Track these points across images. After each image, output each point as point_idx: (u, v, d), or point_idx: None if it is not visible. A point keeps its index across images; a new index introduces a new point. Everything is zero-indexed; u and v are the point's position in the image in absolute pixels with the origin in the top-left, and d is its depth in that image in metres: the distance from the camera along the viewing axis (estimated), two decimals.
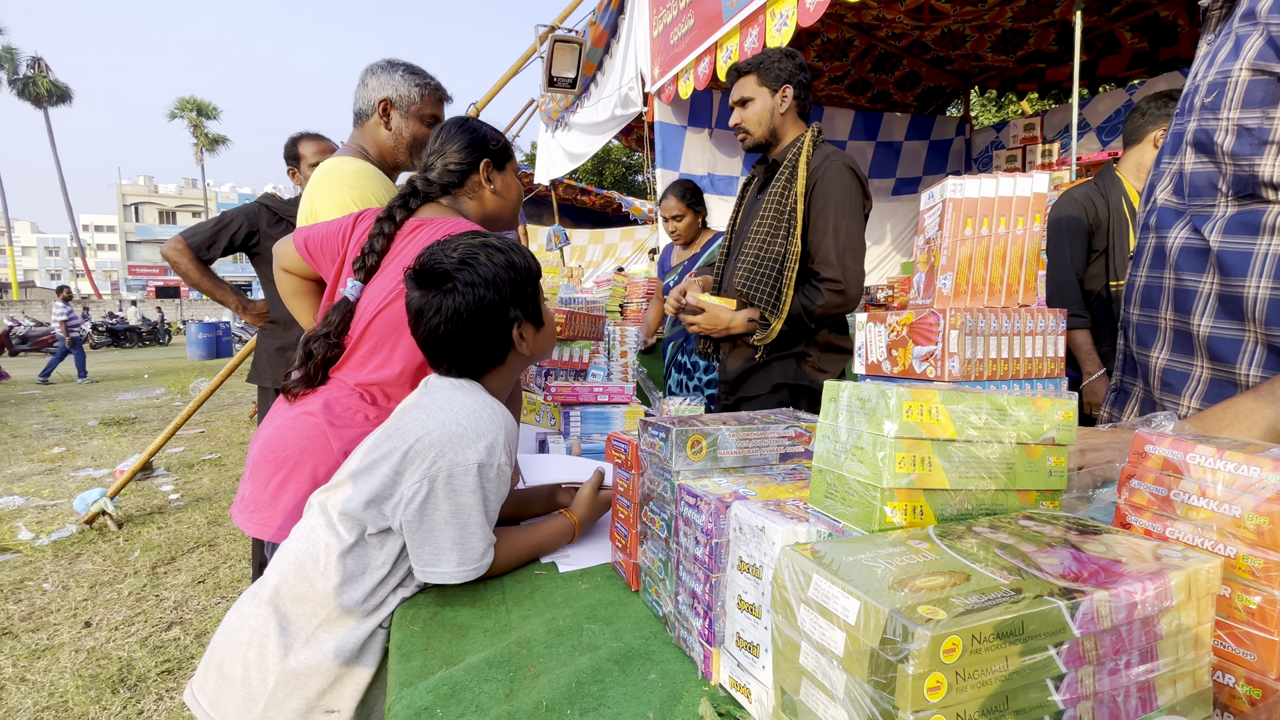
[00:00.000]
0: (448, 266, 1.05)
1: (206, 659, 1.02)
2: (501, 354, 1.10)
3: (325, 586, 0.98)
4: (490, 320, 1.06)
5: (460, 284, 1.04)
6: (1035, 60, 5.51)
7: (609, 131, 5.30)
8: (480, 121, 1.53)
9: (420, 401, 1.05)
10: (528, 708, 0.71)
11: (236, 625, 1.00)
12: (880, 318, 0.87)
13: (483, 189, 1.49)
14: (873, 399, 0.55)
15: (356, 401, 1.31)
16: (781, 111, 1.92)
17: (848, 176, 1.83)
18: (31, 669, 2.52)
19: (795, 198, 1.84)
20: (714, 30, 3.69)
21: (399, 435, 1.01)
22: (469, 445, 0.97)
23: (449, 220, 1.40)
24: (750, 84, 1.94)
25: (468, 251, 1.07)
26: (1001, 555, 0.47)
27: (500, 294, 1.06)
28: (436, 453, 0.97)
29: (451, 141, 1.46)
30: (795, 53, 1.94)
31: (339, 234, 1.40)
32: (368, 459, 1.02)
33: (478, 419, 0.99)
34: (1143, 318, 0.95)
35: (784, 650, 0.49)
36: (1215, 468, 0.51)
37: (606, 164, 21.88)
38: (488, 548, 1.01)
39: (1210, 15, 0.88)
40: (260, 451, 1.29)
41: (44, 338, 19.28)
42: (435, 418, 0.99)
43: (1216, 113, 0.79)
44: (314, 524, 1.03)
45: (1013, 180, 0.84)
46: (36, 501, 4.66)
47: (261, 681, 0.95)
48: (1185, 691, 0.47)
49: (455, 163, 1.45)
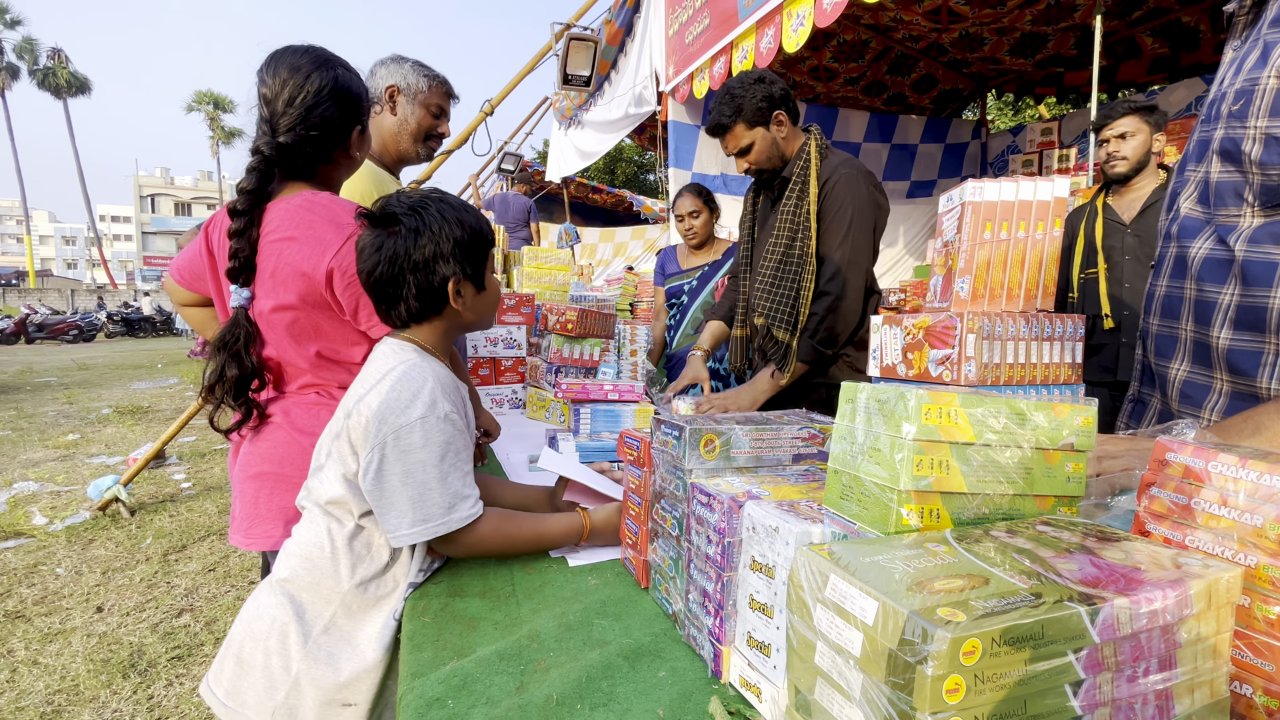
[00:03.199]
0: (396, 210, 1.07)
1: (223, 651, 1.03)
2: (437, 306, 1.10)
3: (335, 573, 1.00)
4: (426, 268, 1.06)
5: (405, 228, 1.06)
6: (1054, 64, 5.46)
7: (622, 130, 5.31)
8: (329, 55, 1.29)
9: (362, 378, 1.07)
10: (538, 701, 0.71)
11: (255, 614, 1.01)
12: (896, 320, 0.87)
13: (340, 159, 1.32)
14: (891, 401, 0.55)
15: (314, 398, 1.28)
16: (783, 137, 1.88)
17: (859, 187, 1.80)
18: (44, 652, 2.55)
19: (808, 214, 1.81)
20: (730, 30, 3.68)
21: (344, 413, 1.03)
22: (406, 405, 0.98)
23: (310, 195, 1.24)
24: (740, 132, 1.87)
25: (420, 201, 1.09)
26: (1020, 560, 0.47)
27: (439, 246, 1.06)
28: (379, 420, 0.98)
29: (309, 91, 1.23)
30: (762, 74, 1.88)
31: (199, 252, 1.32)
32: (327, 445, 1.05)
33: (408, 378, 1.01)
34: (1162, 328, 0.94)
35: (799, 650, 0.49)
36: (1237, 477, 0.51)
37: (619, 162, 21.88)
38: (455, 502, 0.99)
39: (1237, 21, 0.87)
40: (240, 470, 1.28)
41: (60, 326, 19.52)
42: (373, 390, 1.01)
43: (1244, 120, 0.78)
44: (313, 517, 1.05)
45: (1033, 184, 0.84)
46: (51, 487, 4.72)
47: (284, 669, 0.96)
48: (1203, 701, 0.47)
49: (319, 128, 1.24)
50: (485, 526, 1.04)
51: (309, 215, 1.22)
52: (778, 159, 1.91)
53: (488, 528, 1.04)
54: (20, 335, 19.01)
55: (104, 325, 21.76)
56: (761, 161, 1.91)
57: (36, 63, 34.85)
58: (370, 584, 1.00)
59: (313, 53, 1.27)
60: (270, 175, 1.24)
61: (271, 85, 1.23)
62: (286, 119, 1.22)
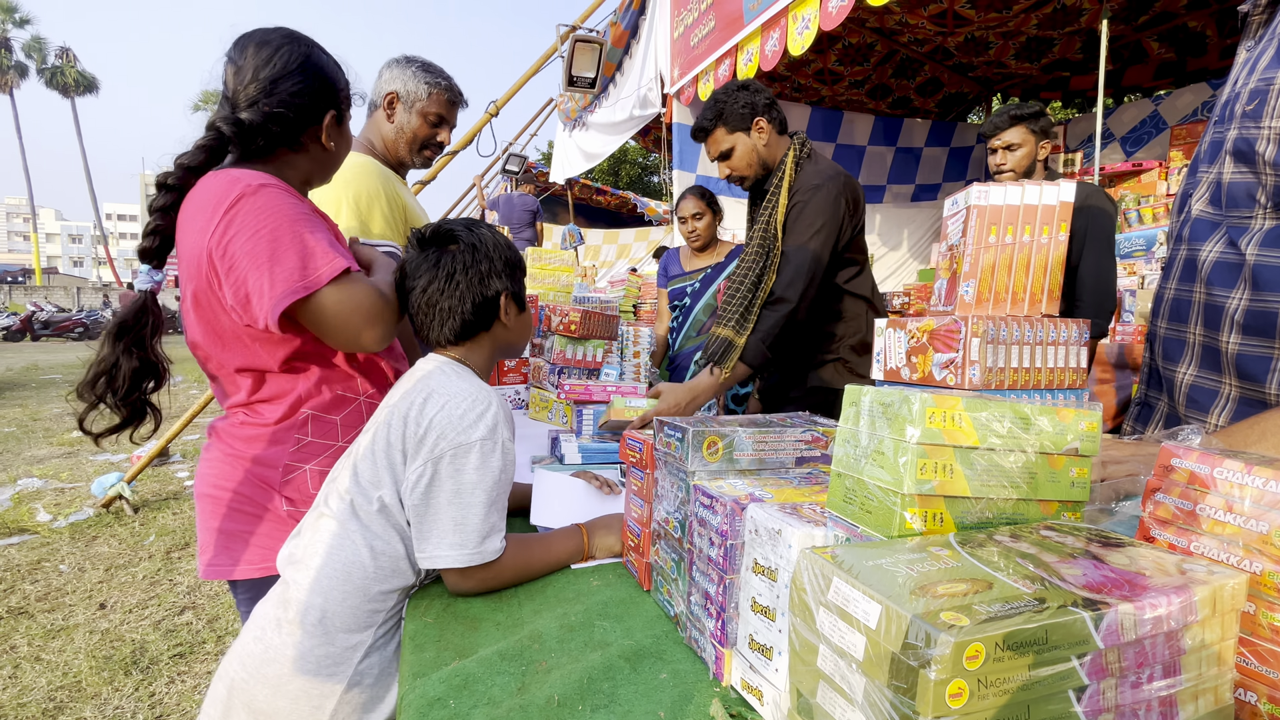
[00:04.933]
0: (455, 228, 1.12)
1: (226, 699, 0.97)
2: (486, 322, 1.12)
3: (373, 591, 0.99)
4: (483, 281, 1.10)
5: (463, 243, 1.10)
6: (1059, 68, 5.46)
7: (627, 132, 5.31)
8: (301, 34, 1.19)
9: (416, 388, 1.05)
10: (539, 701, 0.71)
11: (264, 658, 0.96)
12: (900, 324, 0.87)
13: (311, 147, 1.20)
14: (895, 404, 0.55)
15: (242, 418, 1.18)
16: (764, 145, 1.88)
17: (824, 200, 1.78)
18: (47, 648, 2.56)
19: (775, 226, 1.81)
20: (735, 32, 3.68)
21: (399, 423, 1.00)
22: (470, 424, 0.98)
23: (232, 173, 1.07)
24: (721, 136, 1.89)
25: (472, 221, 1.15)
26: (1023, 565, 0.47)
27: (494, 262, 1.11)
28: (438, 435, 0.97)
29: (276, 64, 1.13)
30: (746, 81, 1.91)
31: None
32: (375, 453, 1.01)
33: (474, 398, 1.00)
34: (1170, 331, 0.93)
35: (801, 653, 0.49)
36: (1243, 483, 0.50)
37: (623, 164, 21.90)
38: (489, 534, 0.98)
39: (1251, 21, 0.86)
40: (198, 500, 1.21)
41: (65, 323, 19.61)
42: (434, 402, 1.00)
43: (1258, 121, 0.77)
44: (348, 532, 0.99)
45: (1038, 188, 0.84)
46: (55, 484, 4.74)
47: (316, 710, 0.94)
48: (1207, 708, 0.46)
49: (284, 105, 1.13)
50: (505, 558, 1.01)
51: (201, 192, 1.08)
52: (759, 166, 1.91)
53: (508, 559, 1.01)
54: (26, 332, 19.11)
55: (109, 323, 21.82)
56: (741, 168, 1.91)
57: (45, 62, 35.05)
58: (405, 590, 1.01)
59: (283, 30, 1.18)
60: (221, 154, 1.13)
61: (236, 60, 1.13)
62: (248, 92, 1.12)
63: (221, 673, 1.00)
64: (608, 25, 4.98)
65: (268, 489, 1.17)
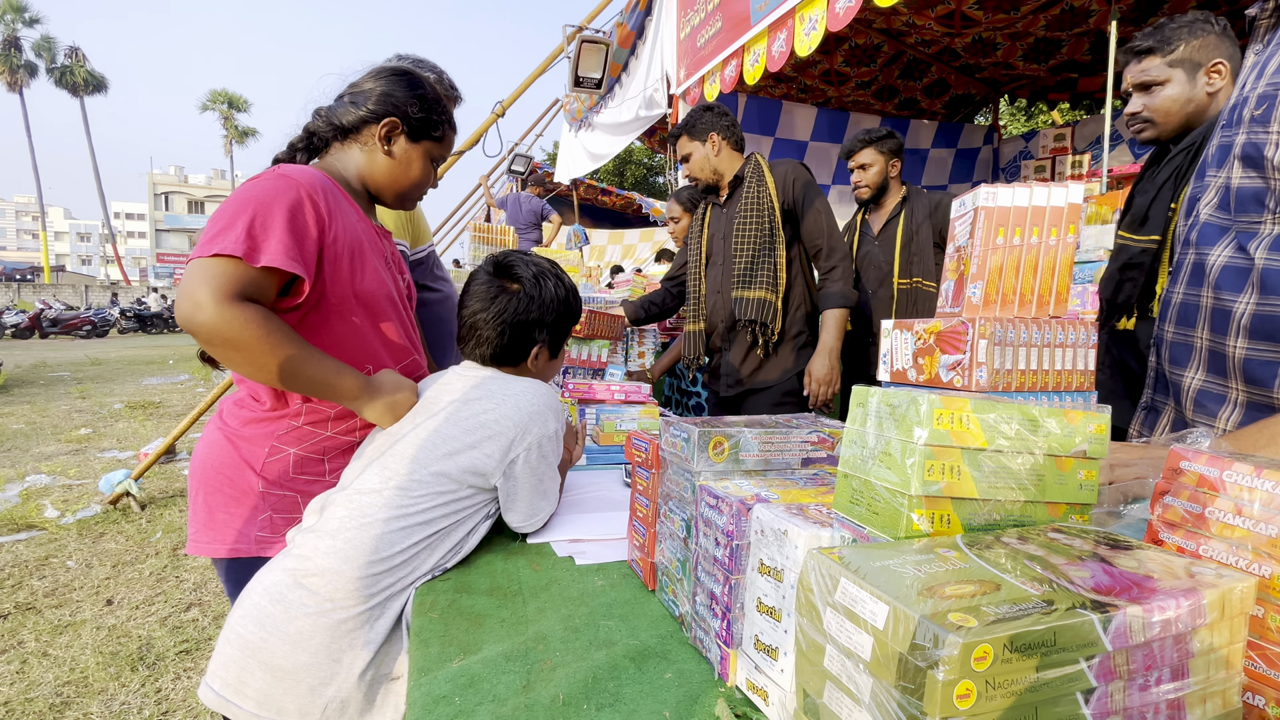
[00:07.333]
0: (523, 274, 1.23)
1: (240, 659, 1.00)
2: (515, 361, 1.26)
3: (424, 547, 1.05)
4: (523, 331, 1.23)
5: (524, 291, 1.22)
6: (1067, 70, 5.42)
7: (632, 133, 5.31)
8: (425, 79, 1.32)
9: (481, 393, 1.16)
10: (544, 700, 0.71)
11: (285, 616, 0.99)
12: (907, 325, 0.87)
13: (377, 147, 1.29)
14: (903, 405, 0.55)
15: (243, 393, 1.25)
16: (715, 155, 2.37)
17: (810, 176, 2.30)
18: (54, 644, 2.58)
19: (770, 196, 2.25)
20: (742, 33, 3.68)
21: (481, 423, 1.12)
22: (547, 418, 1.14)
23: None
24: (684, 142, 2.40)
25: (542, 271, 1.25)
26: (1031, 566, 0.47)
27: (543, 317, 1.24)
28: (521, 430, 1.11)
29: (370, 81, 1.29)
30: (713, 105, 2.41)
31: None
32: (451, 446, 1.10)
33: (541, 396, 1.16)
34: (1177, 336, 0.93)
35: (808, 653, 0.49)
36: (1252, 486, 0.50)
37: (628, 165, 21.91)
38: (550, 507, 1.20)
39: (1258, 25, 0.86)
40: (189, 474, 1.28)
41: (74, 321, 19.73)
42: (509, 403, 1.14)
43: (1267, 125, 0.77)
44: (386, 501, 1.04)
45: (1046, 190, 0.83)
46: (63, 481, 4.77)
47: (333, 661, 0.98)
48: (1214, 711, 0.46)
49: (361, 109, 1.26)
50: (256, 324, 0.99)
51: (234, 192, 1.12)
52: (709, 173, 2.40)
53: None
54: (35, 330, 19.23)
55: (117, 321, 21.97)
56: (694, 171, 2.41)
57: (54, 61, 35.31)
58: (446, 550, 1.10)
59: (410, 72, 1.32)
60: (292, 154, 1.27)
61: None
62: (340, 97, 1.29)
63: (229, 637, 1.02)
64: (614, 26, 4.98)
65: (248, 469, 1.21)
